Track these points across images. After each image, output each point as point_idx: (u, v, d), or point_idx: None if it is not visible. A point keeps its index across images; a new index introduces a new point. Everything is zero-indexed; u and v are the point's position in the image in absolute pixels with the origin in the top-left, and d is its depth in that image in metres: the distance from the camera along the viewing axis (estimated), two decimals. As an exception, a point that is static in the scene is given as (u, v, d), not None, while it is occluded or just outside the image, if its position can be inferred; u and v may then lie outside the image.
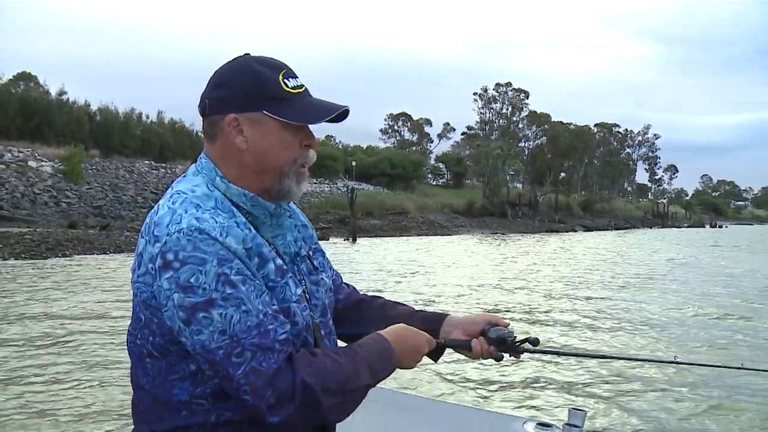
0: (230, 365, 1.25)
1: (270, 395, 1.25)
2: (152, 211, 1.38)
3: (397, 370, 1.46)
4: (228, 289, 1.26)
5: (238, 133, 1.39)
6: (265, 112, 1.38)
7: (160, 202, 1.39)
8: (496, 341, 1.59)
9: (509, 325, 1.64)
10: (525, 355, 1.68)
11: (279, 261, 1.40)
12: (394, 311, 1.70)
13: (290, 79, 1.41)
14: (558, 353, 2.04)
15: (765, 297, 13.98)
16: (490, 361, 1.61)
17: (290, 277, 1.41)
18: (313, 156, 1.47)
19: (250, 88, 1.38)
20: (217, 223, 1.31)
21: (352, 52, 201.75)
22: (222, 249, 1.28)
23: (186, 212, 1.32)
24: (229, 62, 1.44)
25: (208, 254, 1.26)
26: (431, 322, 1.65)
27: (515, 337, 1.61)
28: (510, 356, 1.63)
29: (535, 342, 1.61)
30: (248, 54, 1.45)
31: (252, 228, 1.37)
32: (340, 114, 1.43)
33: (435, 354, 1.60)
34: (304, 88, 1.43)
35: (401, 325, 1.50)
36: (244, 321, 1.26)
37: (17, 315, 9.61)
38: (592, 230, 54.36)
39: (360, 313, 1.72)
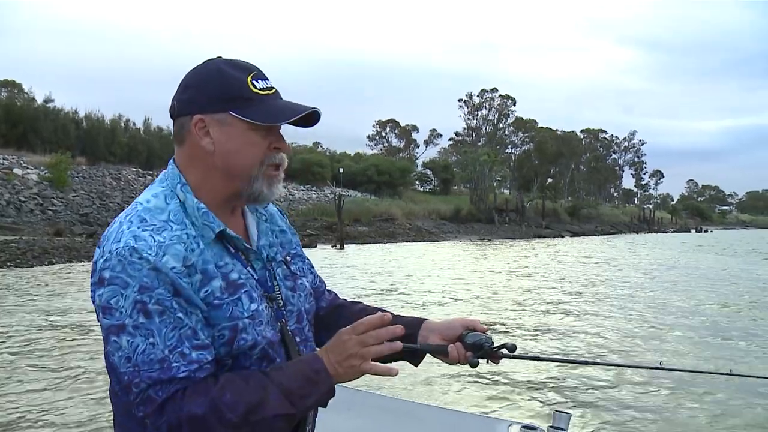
0: (129, 392, 1.27)
1: (162, 424, 1.26)
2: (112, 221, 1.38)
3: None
4: (141, 318, 1.25)
5: (204, 134, 1.37)
6: (231, 113, 1.36)
7: (121, 213, 1.38)
8: (472, 346, 1.58)
9: (487, 330, 1.63)
10: (510, 362, 1.68)
11: (234, 275, 1.37)
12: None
13: (259, 81, 1.39)
14: (536, 359, 1.98)
15: (755, 300, 14.12)
16: (482, 363, 1.60)
17: (245, 292, 1.38)
18: (283, 159, 1.44)
19: (216, 89, 1.37)
20: (155, 242, 1.29)
21: (338, 58, 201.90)
22: (148, 274, 1.26)
23: (128, 229, 1.30)
24: (198, 65, 1.43)
25: (131, 278, 1.25)
26: (408, 327, 1.58)
27: (492, 342, 1.60)
28: (487, 362, 1.62)
29: (512, 348, 1.59)
30: (220, 57, 1.43)
31: (201, 242, 1.34)
32: (311, 118, 1.41)
33: (414, 359, 1.60)
34: (274, 90, 1.41)
35: (335, 337, 1.37)
36: (149, 353, 1.25)
37: (2, 324, 9.55)
38: (579, 236, 54.59)
39: (338, 318, 1.67)
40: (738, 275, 20.63)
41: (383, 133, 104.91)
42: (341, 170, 58.40)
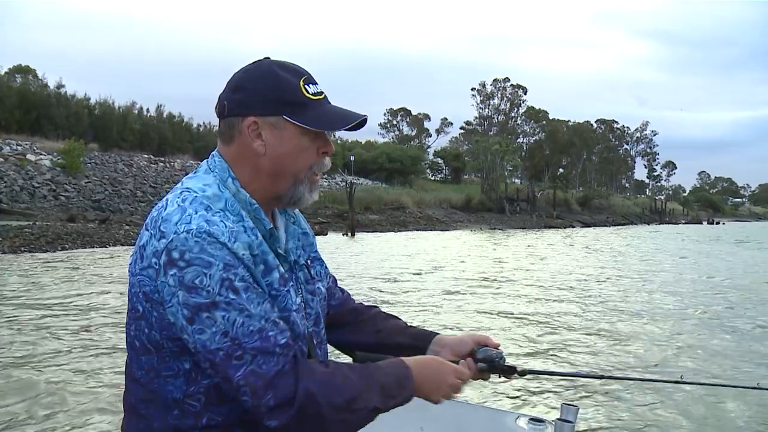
0: (230, 367, 1.25)
1: (270, 398, 1.25)
2: (159, 204, 1.37)
3: None
4: (231, 294, 1.26)
5: (256, 136, 1.38)
6: (285, 117, 1.37)
7: (169, 197, 1.37)
8: (484, 362, 1.60)
9: (499, 345, 1.64)
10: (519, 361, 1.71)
11: (282, 269, 1.40)
12: (384, 324, 1.71)
13: (311, 85, 1.40)
14: (548, 373, 1.98)
15: None
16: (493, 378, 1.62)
17: (291, 285, 1.42)
18: (328, 163, 1.47)
19: (270, 92, 1.37)
20: (226, 227, 1.30)
21: (350, 46, 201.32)
22: (228, 254, 1.27)
23: (196, 213, 1.30)
24: (249, 65, 1.43)
25: (214, 258, 1.26)
26: (419, 340, 1.65)
27: (504, 358, 1.62)
28: (499, 376, 1.64)
29: (522, 372, 1.63)
30: (268, 58, 1.44)
31: (258, 234, 1.37)
32: (359, 123, 1.44)
33: None
34: (323, 95, 1.43)
35: (430, 357, 1.54)
36: (247, 325, 1.26)
37: (16, 307, 9.66)
38: (590, 226, 54.38)
39: (352, 322, 1.72)
40: None
41: (395, 122, 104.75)
42: (352, 158, 58.36)
